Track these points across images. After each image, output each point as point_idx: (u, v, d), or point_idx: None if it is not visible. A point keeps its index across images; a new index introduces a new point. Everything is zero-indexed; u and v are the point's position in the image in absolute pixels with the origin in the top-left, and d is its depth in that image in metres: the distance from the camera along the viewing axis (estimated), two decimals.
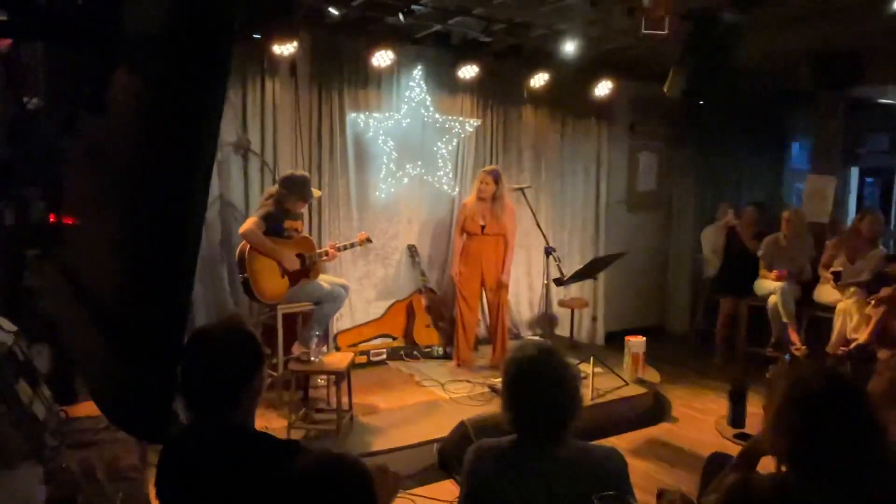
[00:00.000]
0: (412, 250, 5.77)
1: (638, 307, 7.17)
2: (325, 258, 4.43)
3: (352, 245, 4.70)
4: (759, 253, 5.91)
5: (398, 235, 5.72)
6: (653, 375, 5.15)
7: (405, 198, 5.70)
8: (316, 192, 4.51)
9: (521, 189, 5.05)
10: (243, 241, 4.10)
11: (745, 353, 5.99)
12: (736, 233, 6.20)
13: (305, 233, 4.58)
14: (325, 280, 4.44)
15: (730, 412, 4.53)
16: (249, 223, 4.04)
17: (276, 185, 4.27)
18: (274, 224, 4.15)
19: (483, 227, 5.05)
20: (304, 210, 4.63)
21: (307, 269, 4.30)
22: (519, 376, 1.91)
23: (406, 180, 5.65)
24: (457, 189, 5.87)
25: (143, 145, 1.62)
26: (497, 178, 5.02)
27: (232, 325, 1.86)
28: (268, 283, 4.12)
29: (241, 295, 4.75)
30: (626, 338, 5.14)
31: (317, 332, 4.20)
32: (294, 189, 4.20)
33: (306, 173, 4.47)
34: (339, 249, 4.58)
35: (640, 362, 4.99)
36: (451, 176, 5.84)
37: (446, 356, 5.50)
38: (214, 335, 1.83)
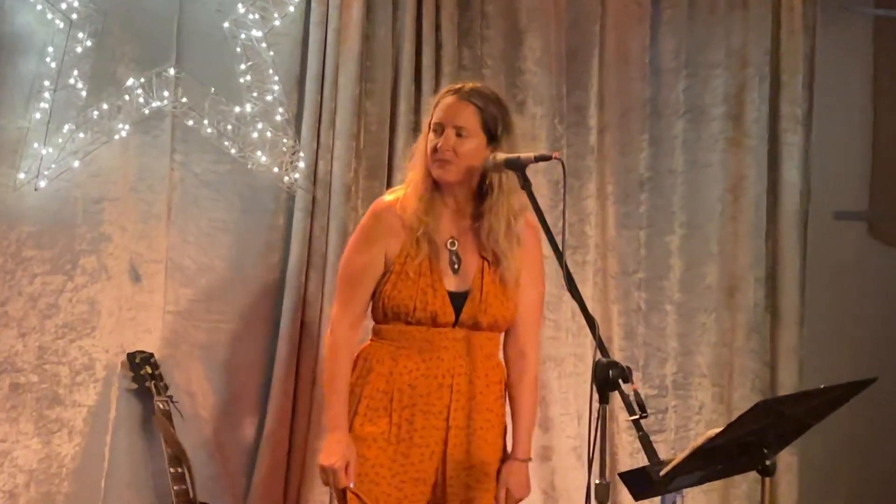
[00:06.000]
0: (145, 374, 4.71)
1: None
2: None
3: None
4: None
5: (90, 326, 4.70)
6: None
7: (121, 194, 4.78)
8: None
9: (521, 163, 3.95)
10: None
11: None
12: None
13: None
14: None
15: None
16: None
17: None
18: None
19: (469, 306, 3.84)
20: None
21: None
22: None
23: (124, 133, 4.71)
24: (304, 161, 4.86)
25: None
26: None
27: None
28: None
29: None
30: None
31: None
32: None
33: None
34: None
35: None
36: (281, 118, 4.86)
37: None
38: None
